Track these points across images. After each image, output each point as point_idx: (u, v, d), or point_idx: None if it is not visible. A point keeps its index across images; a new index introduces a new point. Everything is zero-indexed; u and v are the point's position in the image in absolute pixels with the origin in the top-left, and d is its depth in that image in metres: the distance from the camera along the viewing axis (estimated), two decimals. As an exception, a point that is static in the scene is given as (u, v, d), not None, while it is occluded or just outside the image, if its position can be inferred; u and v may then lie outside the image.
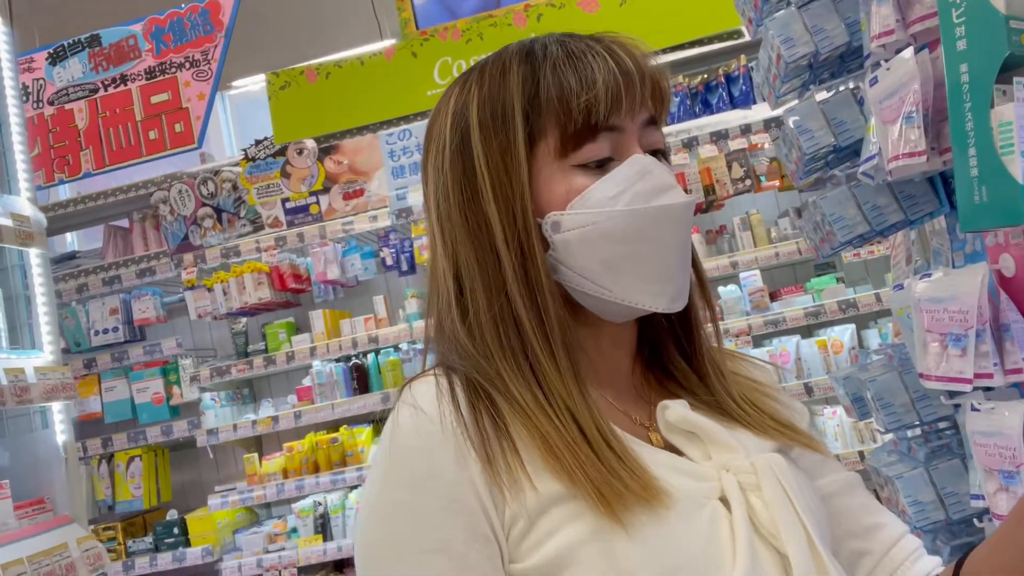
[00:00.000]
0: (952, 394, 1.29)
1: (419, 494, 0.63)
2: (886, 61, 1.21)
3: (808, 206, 1.41)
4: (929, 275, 1.20)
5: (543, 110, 0.69)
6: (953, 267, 1.28)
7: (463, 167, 0.71)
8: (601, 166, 0.69)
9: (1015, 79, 0.99)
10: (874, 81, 1.22)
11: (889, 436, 1.58)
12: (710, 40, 3.45)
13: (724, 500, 0.65)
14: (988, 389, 1.18)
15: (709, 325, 0.80)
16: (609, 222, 0.67)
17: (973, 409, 1.16)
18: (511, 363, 0.68)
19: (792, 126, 1.38)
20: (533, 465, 0.64)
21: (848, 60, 1.43)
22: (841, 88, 1.40)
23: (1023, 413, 1.09)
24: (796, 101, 1.53)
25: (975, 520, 1.22)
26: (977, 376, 1.12)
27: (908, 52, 1.16)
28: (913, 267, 1.48)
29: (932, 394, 1.32)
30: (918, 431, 1.39)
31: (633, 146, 0.70)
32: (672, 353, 0.79)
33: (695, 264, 0.77)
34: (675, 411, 0.70)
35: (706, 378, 0.76)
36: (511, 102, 0.69)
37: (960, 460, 1.31)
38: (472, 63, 4.04)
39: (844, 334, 3.29)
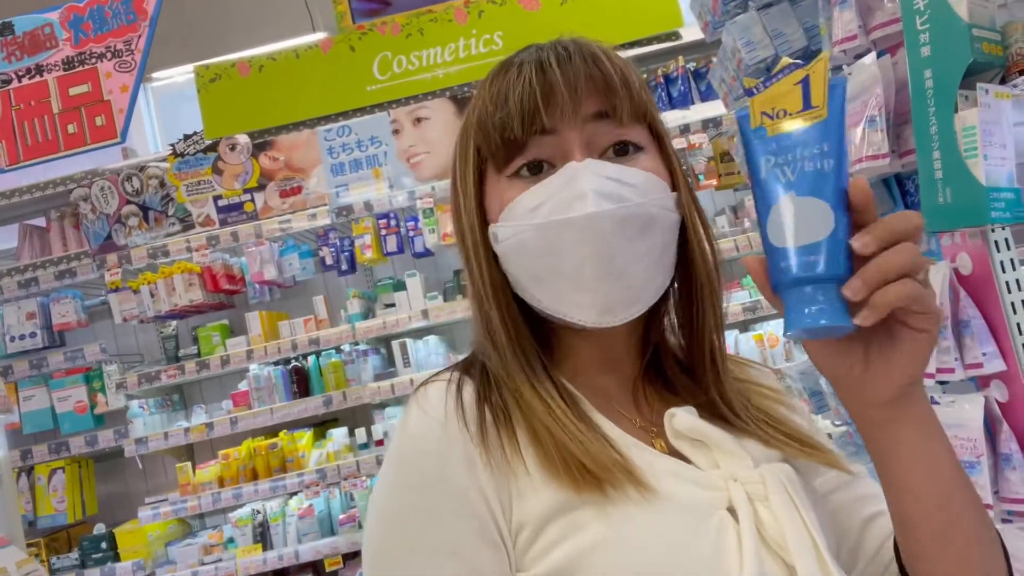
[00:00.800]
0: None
1: (430, 496, 0.62)
2: (848, 66, 1.25)
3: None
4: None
5: (475, 130, 0.72)
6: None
7: (453, 182, 0.76)
8: (536, 172, 0.70)
9: (978, 85, 1.03)
10: (836, 85, 1.26)
11: (840, 430, 1.64)
12: (648, 41, 3.50)
13: (732, 510, 0.64)
14: (943, 381, 1.23)
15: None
16: (526, 234, 0.68)
17: (934, 403, 1.21)
18: (512, 359, 0.70)
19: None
20: (536, 470, 0.63)
21: (806, 63, 1.46)
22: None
23: (983, 405, 1.14)
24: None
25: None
26: (939, 371, 1.17)
27: (870, 57, 1.19)
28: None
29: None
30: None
31: (572, 150, 0.68)
32: (671, 363, 0.78)
33: (693, 270, 0.73)
34: (683, 419, 0.69)
35: (714, 384, 0.75)
36: (471, 119, 0.74)
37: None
38: (412, 59, 3.98)
39: (779, 328, 3.40)
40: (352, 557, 3.48)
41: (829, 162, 0.57)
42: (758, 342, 3.40)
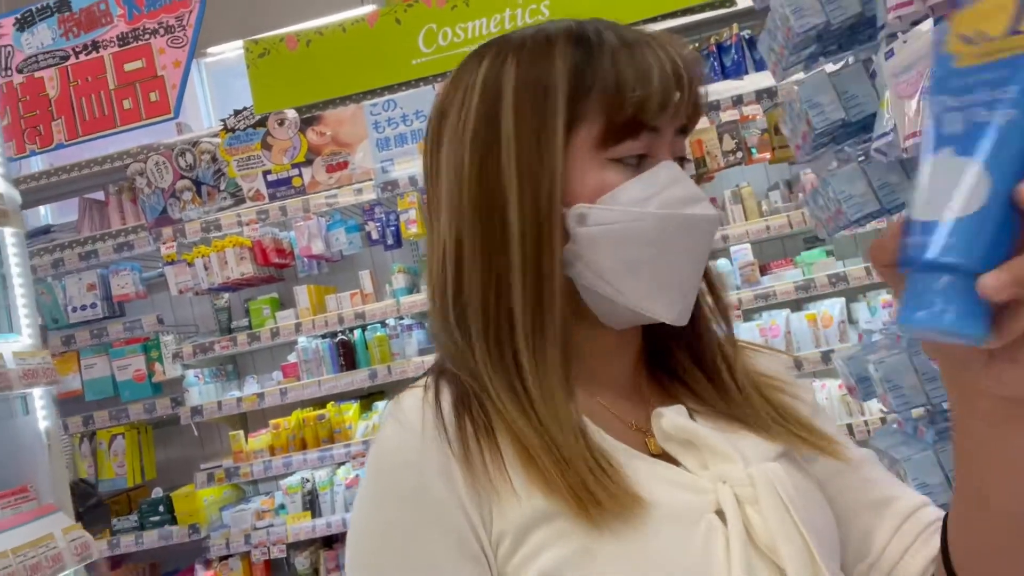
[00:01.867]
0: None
1: (407, 511, 0.61)
2: (903, 33, 1.17)
3: (818, 187, 1.37)
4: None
5: (592, 96, 0.65)
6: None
7: (486, 140, 0.66)
8: (634, 163, 0.66)
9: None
10: (890, 54, 1.18)
11: (892, 417, 1.57)
12: (701, 8, 3.38)
13: (720, 513, 0.63)
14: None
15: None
16: (637, 223, 0.64)
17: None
18: (494, 358, 0.66)
19: (801, 101, 1.34)
20: (519, 479, 0.62)
21: (858, 32, 1.38)
22: (852, 60, 1.36)
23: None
24: (802, 73, 1.48)
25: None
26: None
27: (926, 24, 1.12)
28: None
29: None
30: (924, 413, 1.37)
31: (665, 150, 0.67)
32: (681, 356, 0.76)
33: (707, 273, 0.74)
34: (670, 419, 0.67)
35: (717, 380, 0.73)
36: (556, 82, 0.65)
37: (969, 442, 1.29)
38: (458, 31, 3.93)
39: (834, 308, 3.29)
40: (397, 527, 3.54)
41: (1011, 114, 0.43)
42: (811, 322, 3.29)
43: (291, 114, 3.70)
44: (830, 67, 1.46)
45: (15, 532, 1.47)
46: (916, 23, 1.16)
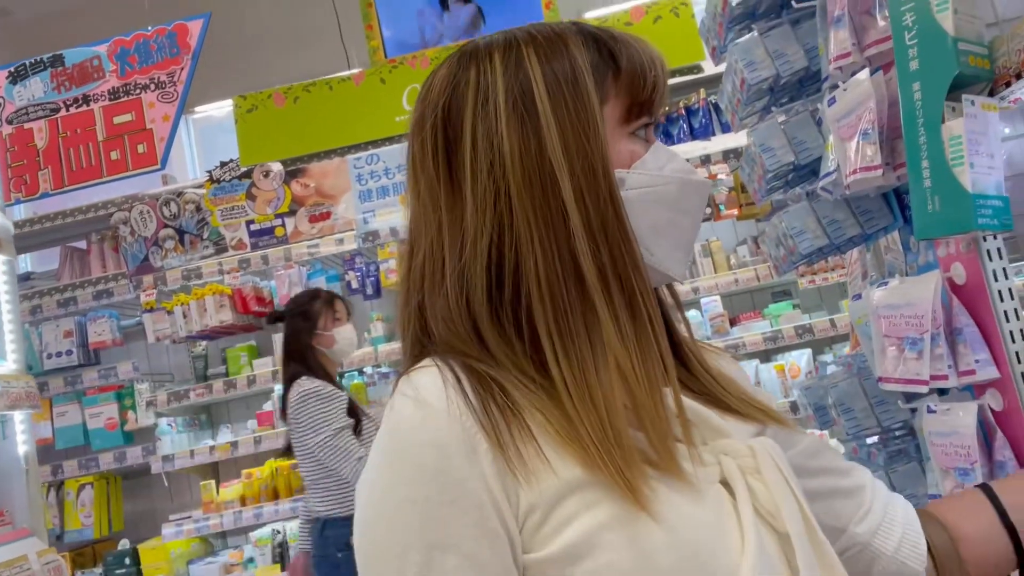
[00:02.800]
0: (909, 398, 1.35)
1: (426, 490, 0.60)
2: (843, 82, 1.29)
3: (770, 223, 1.47)
4: (886, 283, 1.26)
5: (618, 75, 0.72)
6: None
7: (524, 123, 0.69)
8: (644, 138, 0.74)
9: (964, 96, 1.06)
10: (832, 101, 1.30)
11: (848, 444, 1.63)
12: (671, 74, 3.58)
13: (724, 483, 0.66)
14: (943, 392, 1.24)
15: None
16: (665, 187, 0.72)
17: (929, 411, 1.21)
18: (563, 326, 0.66)
19: (755, 145, 1.45)
20: (550, 450, 0.62)
21: (806, 84, 1.50)
22: (800, 109, 1.48)
23: (976, 413, 1.15)
24: (758, 123, 1.60)
25: (933, 519, 1.27)
26: (933, 378, 1.18)
27: (864, 73, 1.23)
28: (868, 282, 1.55)
29: (890, 399, 1.37)
30: (876, 439, 1.44)
31: (651, 133, 0.76)
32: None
33: None
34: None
35: (684, 359, 0.77)
36: (581, 65, 0.71)
37: (917, 463, 1.36)
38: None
39: (801, 359, 3.38)
40: (369, 580, 3.49)
41: None
42: (779, 372, 3.38)
43: (276, 166, 3.80)
44: (782, 117, 1.58)
45: (-12, 555, 1.47)
46: (854, 73, 1.27)
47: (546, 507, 0.61)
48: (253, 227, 3.77)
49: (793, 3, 1.40)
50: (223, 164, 3.84)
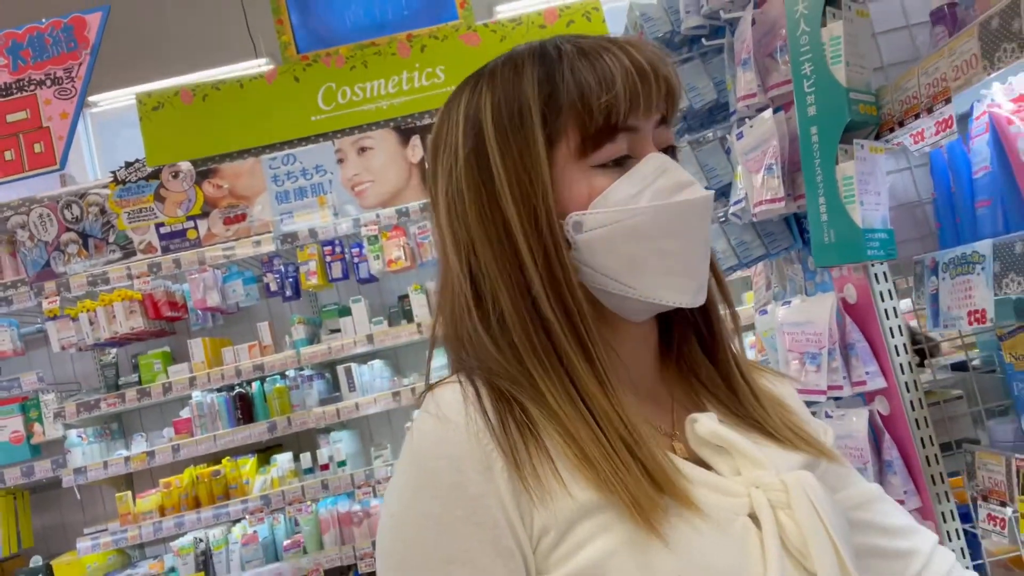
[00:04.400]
0: (809, 404, 1.50)
1: (444, 505, 0.61)
2: (750, 119, 1.41)
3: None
4: (789, 303, 1.40)
5: (562, 111, 0.68)
6: (806, 294, 1.48)
7: (479, 170, 0.70)
8: (619, 164, 0.69)
9: (855, 140, 1.19)
10: (740, 136, 1.42)
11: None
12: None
13: (753, 517, 0.64)
14: (839, 398, 1.39)
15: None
16: (633, 219, 0.67)
17: (827, 416, 1.36)
18: (543, 366, 0.66)
19: None
20: (567, 472, 0.62)
21: (715, 113, 1.63)
22: (711, 137, 1.60)
23: (867, 418, 1.30)
24: (672, 146, 1.72)
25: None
26: (830, 388, 1.32)
27: (768, 113, 1.36)
28: (772, 293, 1.70)
29: (794, 404, 1.52)
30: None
31: (648, 145, 0.70)
32: (697, 355, 0.77)
33: (712, 261, 0.75)
34: (705, 425, 0.68)
35: (732, 382, 0.75)
36: (528, 103, 0.68)
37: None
38: (357, 90, 4.06)
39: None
40: (297, 582, 3.49)
41: None
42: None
43: (186, 166, 3.69)
44: (698, 139, 1.70)
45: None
46: (760, 110, 1.40)
47: (560, 529, 0.61)
48: (164, 230, 3.66)
49: (703, 41, 1.51)
50: (128, 164, 3.70)
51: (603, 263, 0.68)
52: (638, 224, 0.67)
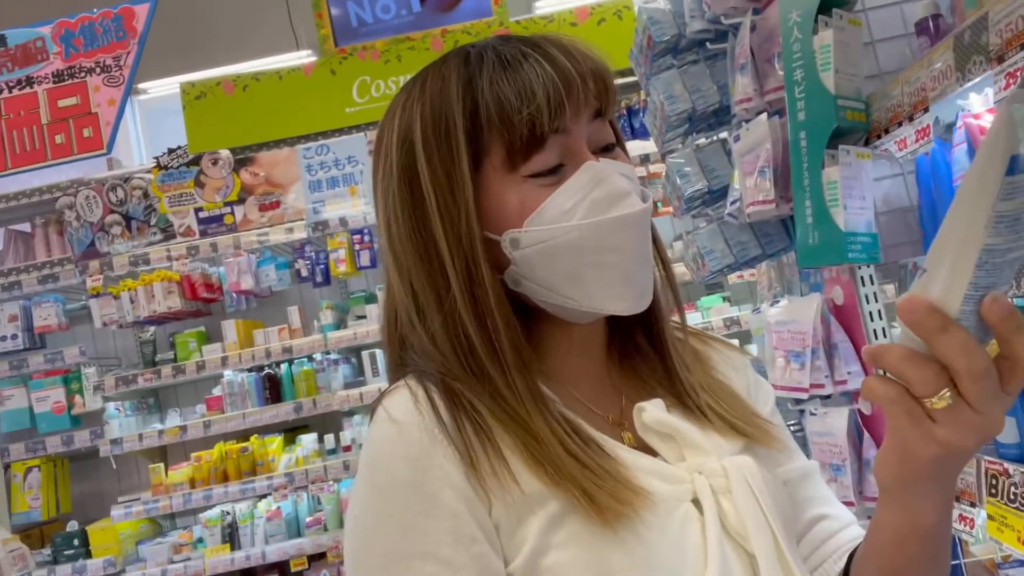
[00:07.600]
0: (797, 401, 1.53)
1: (403, 504, 0.63)
2: (747, 122, 1.45)
3: (685, 239, 1.63)
4: (778, 302, 1.43)
5: (485, 127, 0.67)
6: (800, 295, 1.52)
7: (410, 187, 0.70)
8: (553, 172, 0.68)
9: (840, 146, 1.23)
10: (737, 138, 1.46)
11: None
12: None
13: (696, 502, 0.67)
14: (825, 397, 1.42)
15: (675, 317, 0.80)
16: (567, 236, 0.67)
17: (811, 414, 1.40)
18: (477, 378, 0.68)
19: (673, 171, 1.61)
20: (517, 466, 0.64)
21: (720, 115, 1.66)
22: (714, 139, 1.63)
23: (847, 417, 1.34)
24: (680, 147, 1.76)
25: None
26: (812, 386, 1.36)
27: (763, 117, 1.39)
28: (772, 293, 1.73)
29: (781, 401, 1.55)
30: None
31: (583, 149, 0.69)
32: (644, 347, 0.79)
33: (662, 259, 0.77)
34: (651, 413, 0.70)
35: (675, 373, 0.77)
36: (453, 119, 0.68)
37: (804, 457, 1.55)
38: (390, 83, 4.14)
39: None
40: (317, 559, 3.62)
41: None
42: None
43: (225, 154, 3.83)
44: (703, 140, 1.74)
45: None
46: (757, 114, 1.43)
47: (510, 522, 0.63)
48: (202, 215, 3.80)
49: (708, 44, 1.55)
50: (171, 151, 3.85)
51: (542, 277, 0.69)
52: (573, 240, 0.67)
